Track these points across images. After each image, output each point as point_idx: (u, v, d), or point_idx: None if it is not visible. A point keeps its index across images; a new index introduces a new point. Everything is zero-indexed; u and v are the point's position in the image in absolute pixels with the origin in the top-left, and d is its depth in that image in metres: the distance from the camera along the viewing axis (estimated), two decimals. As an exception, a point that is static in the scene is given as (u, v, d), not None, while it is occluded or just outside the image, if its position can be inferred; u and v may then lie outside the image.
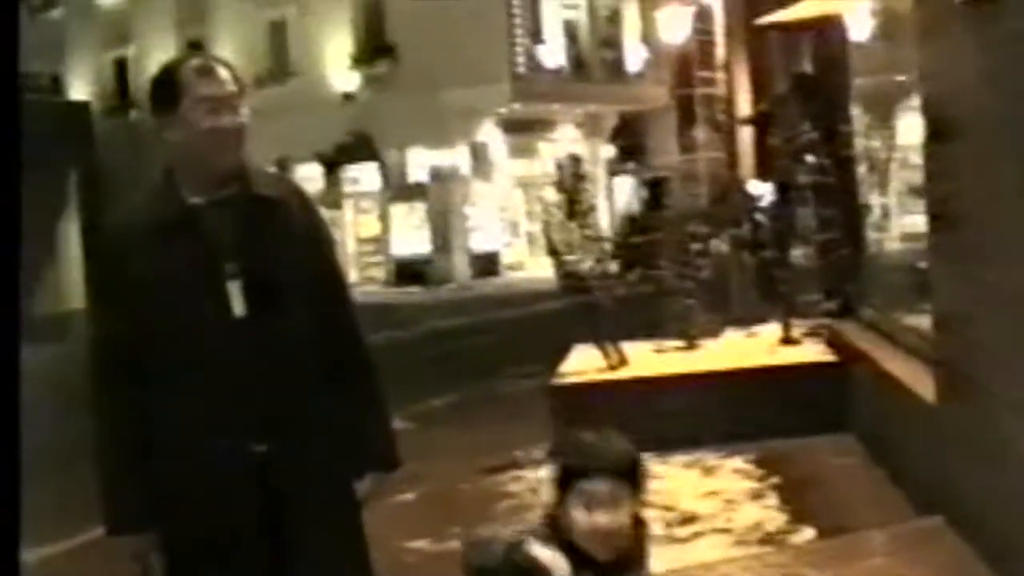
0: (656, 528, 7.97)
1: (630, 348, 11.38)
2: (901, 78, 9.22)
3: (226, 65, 3.74)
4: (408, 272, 38.87)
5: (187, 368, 3.60)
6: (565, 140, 39.29)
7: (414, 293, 35.88)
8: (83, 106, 42.54)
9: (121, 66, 46.19)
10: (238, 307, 3.61)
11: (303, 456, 3.64)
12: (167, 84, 3.67)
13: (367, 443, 3.83)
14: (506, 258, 40.01)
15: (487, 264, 39.20)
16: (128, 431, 3.63)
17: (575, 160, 12.32)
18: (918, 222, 7.97)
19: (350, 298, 3.98)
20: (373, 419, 3.87)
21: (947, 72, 6.44)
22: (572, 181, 11.60)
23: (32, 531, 3.55)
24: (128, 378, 3.63)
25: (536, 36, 39.32)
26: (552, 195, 11.82)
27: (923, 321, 7.59)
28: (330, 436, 3.72)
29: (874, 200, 10.99)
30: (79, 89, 46.78)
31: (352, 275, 39.48)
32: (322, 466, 3.68)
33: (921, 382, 7.22)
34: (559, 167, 11.86)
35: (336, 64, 40.74)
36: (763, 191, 16.04)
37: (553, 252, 11.68)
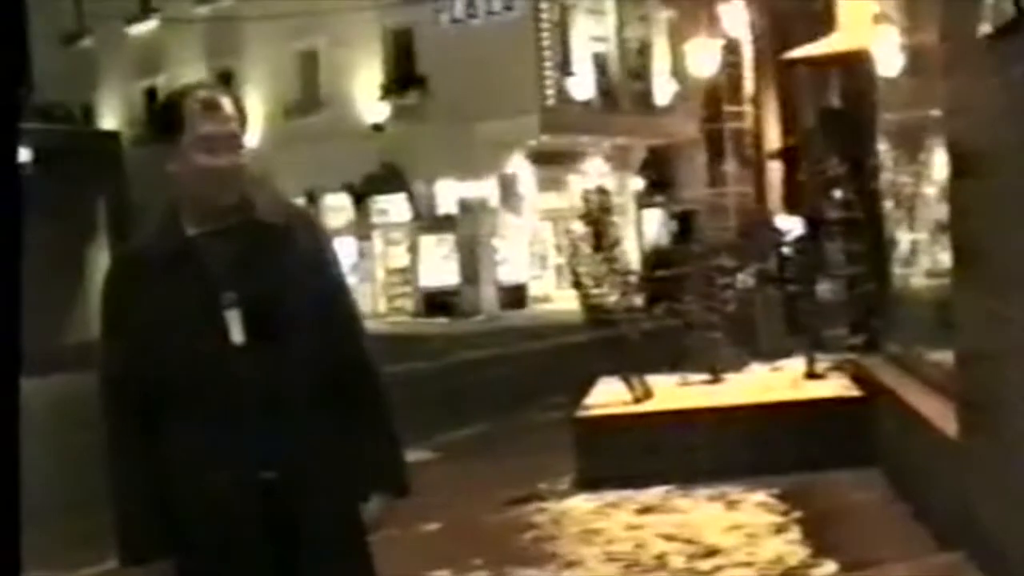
0: (679, 561, 8.03)
1: (655, 381, 11.38)
2: (928, 113, 9.23)
3: (234, 98, 3.75)
4: (436, 303, 38.97)
5: (191, 398, 3.63)
6: (594, 172, 39.44)
7: (442, 324, 35.93)
8: (113, 135, 42.84)
9: (151, 95, 46.52)
10: (237, 335, 3.64)
11: (310, 481, 3.67)
12: (170, 115, 3.71)
13: (374, 467, 3.86)
14: (534, 290, 40.10)
15: (515, 296, 39.28)
16: (138, 462, 3.67)
17: (602, 192, 12.34)
18: (944, 258, 7.97)
19: (358, 322, 4.00)
20: (381, 443, 3.88)
21: (971, 107, 6.45)
22: (599, 214, 11.61)
23: (58, 560, 3.61)
24: (137, 410, 3.68)
25: (565, 68, 39.47)
26: (579, 228, 11.82)
27: (947, 357, 7.57)
28: (337, 461, 3.74)
29: (901, 235, 10.97)
30: (109, 119, 47.15)
31: (380, 306, 39.64)
32: (329, 490, 3.70)
33: (944, 417, 7.21)
34: (586, 199, 11.87)
35: (366, 95, 40.95)
36: (791, 225, 16.09)
37: (579, 284, 11.70)
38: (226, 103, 3.70)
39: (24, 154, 35.88)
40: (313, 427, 3.69)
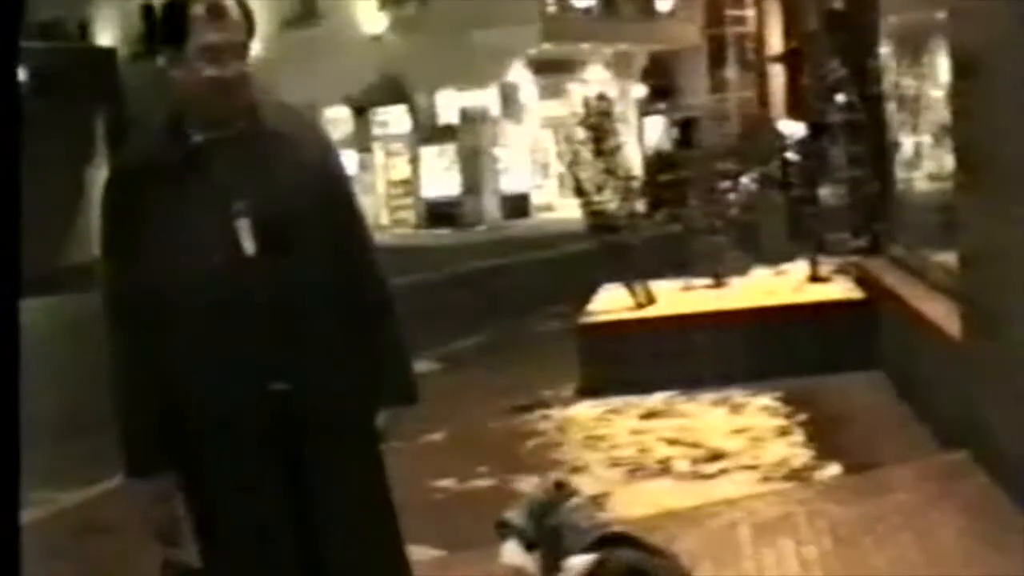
0: (683, 465, 8.08)
1: (658, 287, 11.38)
2: (931, 15, 9.14)
3: (240, 3, 3.63)
4: (438, 214, 38.88)
5: (200, 309, 3.55)
6: (595, 80, 39.14)
7: (444, 235, 35.89)
8: (110, 52, 42.57)
9: (148, 10, 46.09)
10: (248, 246, 3.56)
11: (321, 393, 3.62)
12: (174, 23, 3.60)
13: (384, 378, 3.81)
14: (536, 199, 40.00)
15: (517, 205, 39.20)
16: (145, 375, 3.61)
17: (602, 99, 12.28)
18: (947, 160, 7.93)
19: (367, 233, 3.93)
20: (390, 354, 3.84)
21: (973, 8, 6.39)
22: (599, 119, 11.56)
23: (70, 477, 3.60)
24: (142, 322, 3.61)
25: (565, -25, 39.10)
26: (579, 134, 11.76)
27: (951, 258, 7.56)
28: (347, 372, 3.69)
29: (904, 137, 10.92)
30: (106, 35, 46.78)
31: (383, 218, 39.57)
32: (339, 401, 3.66)
33: (947, 319, 7.21)
34: (586, 106, 11.82)
35: (364, 5, 40.60)
36: (793, 129, 15.99)
37: (580, 191, 11.67)
38: (232, 9, 3.58)
39: (20, 73, 35.73)
40: (323, 338, 3.64)
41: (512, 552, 4.54)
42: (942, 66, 8.23)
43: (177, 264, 3.55)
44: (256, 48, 3.74)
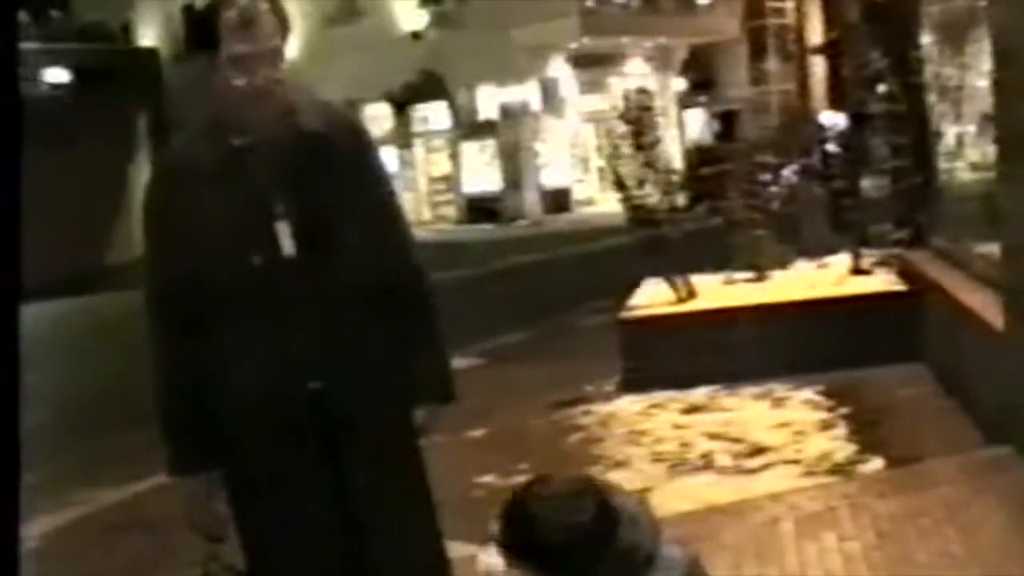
0: (725, 460, 8.04)
1: (699, 281, 11.34)
2: (973, 3, 9.08)
3: (274, 6, 3.63)
4: (479, 210, 38.90)
5: (240, 309, 3.60)
6: (635, 74, 39.07)
7: (486, 230, 35.91)
8: (152, 52, 42.82)
9: (189, 11, 46.28)
10: (287, 247, 3.59)
11: (358, 391, 3.64)
12: (205, 30, 3.61)
13: (421, 377, 3.82)
14: (577, 194, 39.96)
15: (558, 200, 39.17)
16: (186, 373, 3.64)
17: (641, 92, 12.23)
18: (990, 150, 7.87)
19: (406, 231, 3.93)
20: (428, 353, 3.85)
21: (1015, -5, 6.34)
22: (638, 113, 11.52)
23: (110, 474, 3.63)
24: (183, 320, 3.65)
25: (603, -31, 39.03)
26: (619, 128, 11.73)
27: (993, 249, 7.51)
28: (384, 371, 3.71)
29: (946, 128, 10.84)
30: (148, 36, 47.03)
31: (424, 214, 39.63)
32: (377, 400, 3.68)
33: (990, 310, 7.16)
34: (625, 99, 11.78)
35: (404, 2, 40.63)
36: (835, 121, 15.90)
37: (620, 185, 11.64)
38: (263, 16, 3.58)
39: (64, 75, 35.99)
40: (361, 337, 3.66)
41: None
42: (984, 55, 8.16)
43: (217, 264, 3.59)
44: (297, 46, 3.75)
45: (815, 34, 24.83)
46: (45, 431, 11.01)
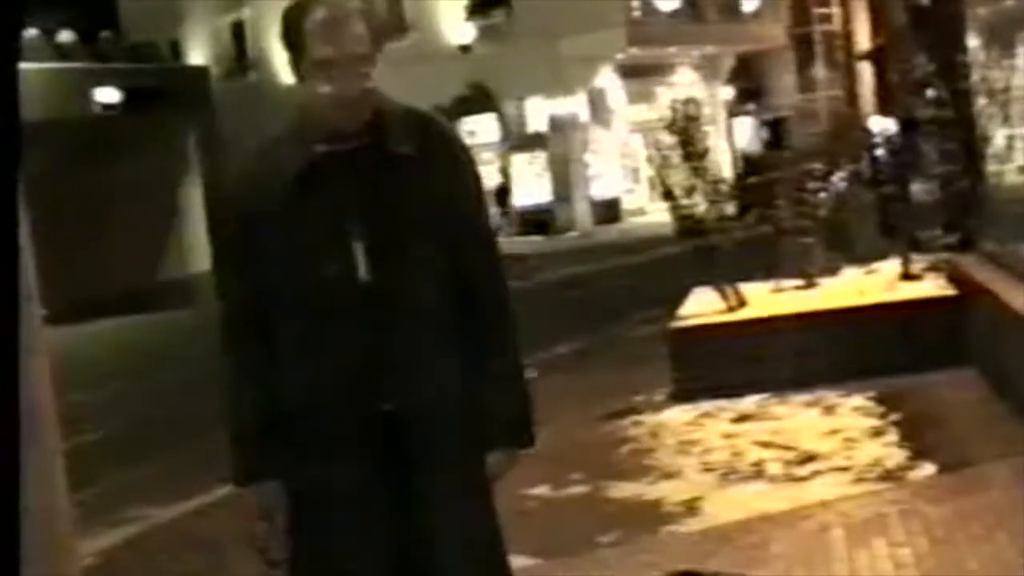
0: (776, 468, 8.05)
1: (748, 289, 11.34)
2: (1020, 5, 9.06)
3: (364, 12, 3.44)
4: (530, 222, 38.95)
5: (312, 327, 3.47)
6: (683, 83, 39.06)
7: (536, 242, 35.96)
8: (202, 71, 43.15)
9: (238, 29, 46.65)
10: (363, 269, 3.43)
11: (431, 419, 3.48)
12: (290, 33, 3.43)
13: (500, 415, 3.61)
14: (627, 204, 39.96)
15: (608, 211, 39.20)
16: (255, 385, 3.55)
17: (689, 102, 12.25)
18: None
19: (496, 258, 3.71)
20: (509, 391, 3.63)
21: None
22: (686, 123, 11.54)
23: (165, 492, 3.61)
24: (256, 333, 3.55)
25: (650, -21, 39.04)
26: (667, 138, 11.75)
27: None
28: (462, 402, 3.53)
29: (994, 131, 10.81)
30: (197, 54, 47.41)
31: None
32: (451, 431, 3.51)
33: (1040, 314, 7.14)
34: (672, 109, 11.81)
35: (452, 16, 40.78)
36: (883, 126, 15.88)
37: (669, 195, 11.66)
38: (352, 20, 3.38)
39: (115, 94, 36.31)
40: (438, 365, 3.50)
41: None
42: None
43: (291, 279, 3.48)
44: None
45: (862, 40, 24.80)
46: (100, 449, 11.16)
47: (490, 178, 41.22)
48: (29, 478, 2.73)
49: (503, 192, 38.78)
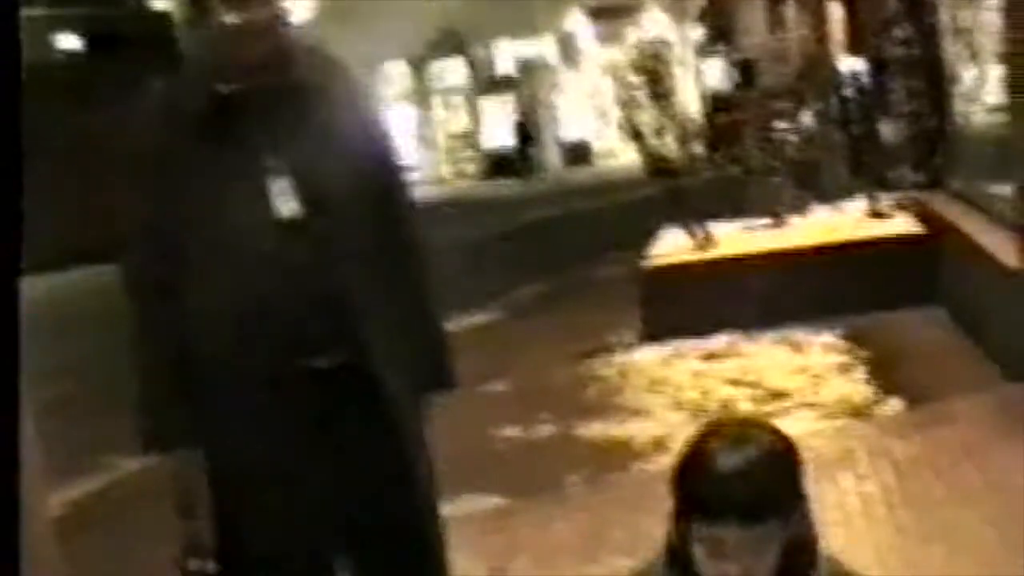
0: (745, 405, 8.08)
1: (718, 228, 11.35)
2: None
3: None
4: (499, 165, 38.89)
5: (229, 277, 3.23)
6: (653, 24, 38.94)
7: (506, 185, 35.90)
8: (165, 16, 42.74)
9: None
10: (283, 208, 3.23)
11: (362, 370, 3.30)
12: None
13: (423, 361, 3.48)
14: (598, 146, 39.91)
15: (578, 153, 39.15)
16: (167, 346, 3.29)
17: (658, 42, 12.23)
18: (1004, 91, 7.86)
19: (409, 203, 3.58)
20: (430, 335, 3.53)
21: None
22: (653, 63, 11.52)
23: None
24: (163, 290, 3.28)
25: (618, -81, 38.89)
26: (634, 79, 11.73)
27: (1008, 190, 7.51)
28: (388, 351, 3.35)
29: (961, 70, 10.81)
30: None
31: (444, 171, 39.63)
32: (381, 381, 3.34)
33: (1006, 250, 7.17)
34: (638, 50, 11.79)
35: (420, -41, 40.52)
36: (852, 66, 15.87)
37: (637, 136, 11.65)
38: None
39: (76, 41, 35.95)
40: (362, 314, 3.31)
41: None
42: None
43: (204, 227, 3.24)
44: (313, 4, 3.49)
45: (832, -21, 24.72)
46: (81, 399, 11.06)
47: (460, 122, 41.15)
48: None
49: (522, 127, 38.22)
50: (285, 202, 3.24)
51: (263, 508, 3.32)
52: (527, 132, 38.24)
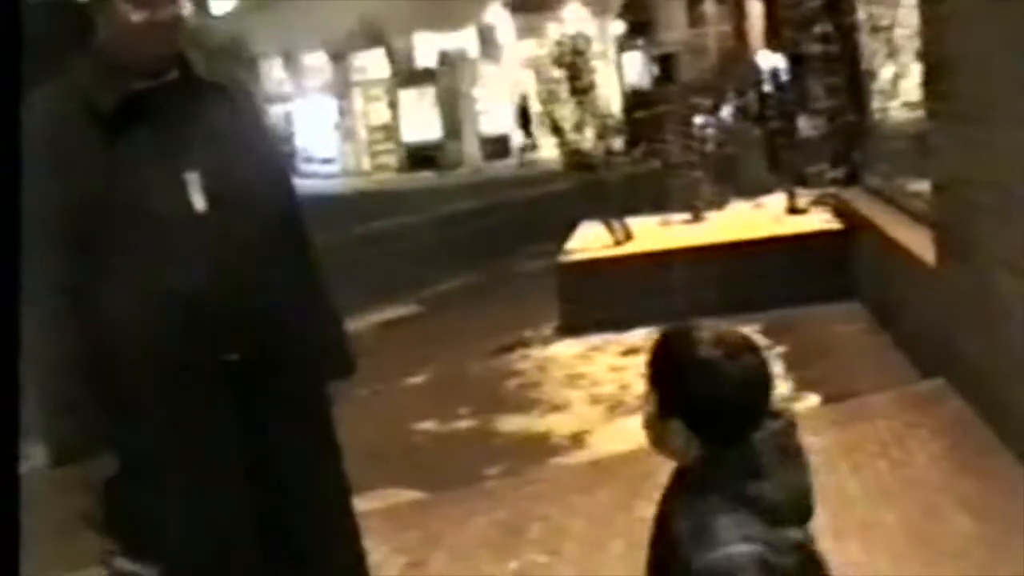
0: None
1: (636, 223, 11.37)
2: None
3: None
4: (419, 158, 38.81)
5: (142, 272, 3.18)
6: (573, 18, 38.93)
7: (426, 178, 35.83)
8: (69, 10, 42.31)
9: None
10: (199, 202, 3.24)
11: (272, 363, 3.32)
12: None
13: (326, 350, 3.58)
14: (517, 140, 39.91)
15: (498, 147, 39.12)
16: (74, 349, 3.19)
17: (576, 37, 12.22)
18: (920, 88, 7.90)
19: (296, 198, 3.67)
20: (329, 323, 3.65)
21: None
22: (573, 58, 11.51)
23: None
24: (67, 288, 3.18)
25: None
26: (554, 73, 11.72)
27: (924, 187, 7.56)
28: (296, 341, 3.41)
29: (879, 67, 10.89)
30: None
31: (364, 163, 39.50)
32: (291, 372, 3.38)
33: (922, 246, 7.21)
34: (559, 44, 11.78)
35: (340, -49, 40.32)
36: (772, 62, 15.96)
37: (556, 130, 11.65)
38: None
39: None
40: (272, 307, 3.34)
41: None
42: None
43: (111, 223, 3.18)
44: None
45: (751, -25, 24.88)
46: None
47: (380, 114, 41.00)
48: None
49: (524, 113, 37.73)
50: (199, 195, 3.24)
51: (178, 501, 3.27)
52: (527, 115, 37.76)
